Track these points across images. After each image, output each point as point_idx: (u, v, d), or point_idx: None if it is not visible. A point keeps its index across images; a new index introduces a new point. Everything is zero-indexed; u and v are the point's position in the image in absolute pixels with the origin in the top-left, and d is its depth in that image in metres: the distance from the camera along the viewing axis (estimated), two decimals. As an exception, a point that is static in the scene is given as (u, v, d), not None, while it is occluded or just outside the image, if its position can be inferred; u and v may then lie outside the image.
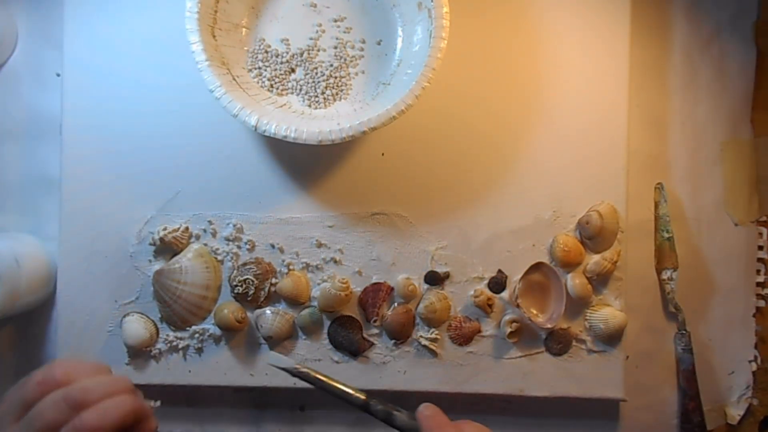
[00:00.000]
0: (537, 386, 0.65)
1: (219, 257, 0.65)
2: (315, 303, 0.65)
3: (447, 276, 0.66)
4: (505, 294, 0.66)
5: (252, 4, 0.64)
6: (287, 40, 0.65)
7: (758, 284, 0.70)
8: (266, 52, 0.64)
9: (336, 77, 0.64)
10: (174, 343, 0.65)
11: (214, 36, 0.60)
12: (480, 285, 0.66)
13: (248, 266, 0.65)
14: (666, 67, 0.70)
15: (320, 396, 0.68)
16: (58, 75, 0.68)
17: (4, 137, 0.69)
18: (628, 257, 0.66)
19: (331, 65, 0.64)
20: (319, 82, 0.64)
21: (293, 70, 0.65)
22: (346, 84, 0.65)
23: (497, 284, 0.65)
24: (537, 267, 0.65)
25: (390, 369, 0.65)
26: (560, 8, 0.66)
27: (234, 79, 0.60)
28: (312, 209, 0.66)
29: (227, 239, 0.65)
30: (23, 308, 0.64)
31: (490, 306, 0.65)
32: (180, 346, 0.65)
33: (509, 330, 0.64)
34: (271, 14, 0.65)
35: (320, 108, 0.64)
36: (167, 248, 0.65)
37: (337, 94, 0.64)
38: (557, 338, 0.65)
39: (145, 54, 0.65)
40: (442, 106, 0.65)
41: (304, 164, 0.66)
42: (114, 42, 0.65)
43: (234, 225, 0.65)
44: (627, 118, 0.66)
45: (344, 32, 0.65)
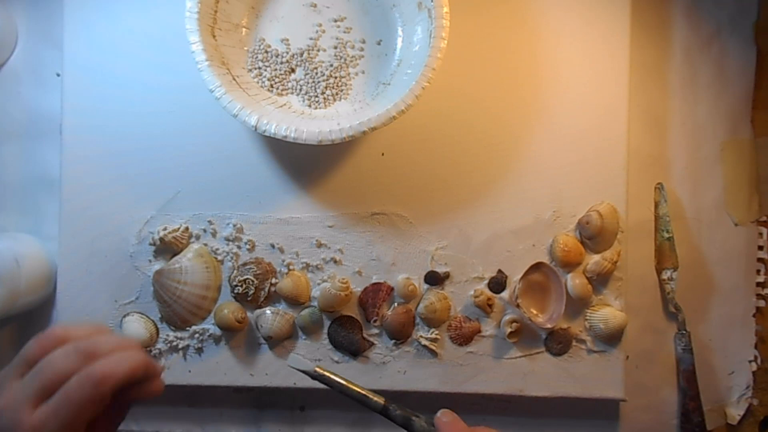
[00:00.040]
0: (537, 386, 0.65)
1: (219, 257, 0.65)
2: (315, 303, 0.65)
3: (447, 276, 0.66)
4: (505, 294, 0.66)
5: (252, 4, 0.64)
6: (287, 40, 0.65)
7: (758, 284, 0.70)
8: (266, 52, 0.64)
9: (336, 77, 0.64)
10: (174, 343, 0.65)
11: (214, 36, 0.60)
12: (480, 285, 0.66)
13: (248, 266, 0.65)
14: (666, 67, 0.70)
15: (320, 396, 0.68)
16: (58, 75, 0.68)
17: (4, 137, 0.69)
18: (628, 257, 0.66)
19: (331, 65, 0.64)
20: (319, 82, 0.64)
21: (293, 70, 0.65)
22: (346, 84, 0.65)
23: (497, 284, 0.65)
24: (537, 267, 0.65)
25: (390, 369, 0.65)
26: (560, 8, 0.66)
27: (234, 79, 0.60)
28: (312, 209, 0.66)
29: (227, 239, 0.65)
30: (23, 308, 0.64)
31: (490, 306, 0.65)
32: (180, 346, 0.65)
33: (509, 330, 0.64)
34: (271, 14, 0.65)
35: (320, 108, 0.64)
36: (167, 248, 0.65)
37: (337, 94, 0.64)
38: (557, 338, 0.65)
39: (145, 54, 0.65)
40: (442, 106, 0.65)
41: (304, 164, 0.66)
42: (114, 42, 0.65)
43: (234, 225, 0.65)
44: (627, 118, 0.66)
45: (344, 32, 0.65)
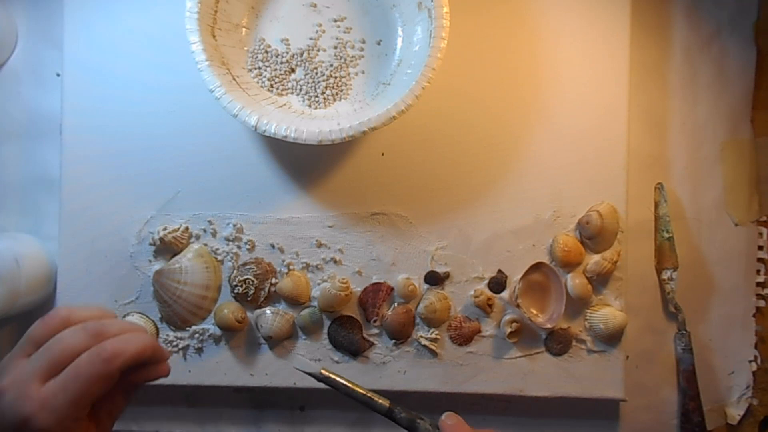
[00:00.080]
0: (537, 386, 0.65)
1: (219, 257, 0.65)
2: (315, 303, 0.65)
3: (447, 276, 0.66)
4: (505, 294, 0.66)
5: (252, 4, 0.64)
6: (287, 40, 0.65)
7: (758, 284, 0.70)
8: (266, 52, 0.64)
9: (336, 77, 0.64)
10: (174, 343, 0.65)
11: (214, 36, 0.60)
12: (480, 285, 0.66)
13: (248, 266, 0.65)
14: (666, 67, 0.70)
15: (320, 396, 0.68)
16: (58, 75, 0.68)
17: (4, 137, 0.69)
18: (628, 257, 0.66)
19: (331, 65, 0.64)
20: (319, 82, 0.64)
21: (293, 70, 0.65)
22: (346, 84, 0.65)
23: (497, 284, 0.65)
24: (537, 267, 0.65)
25: (390, 369, 0.65)
26: (560, 8, 0.66)
27: (234, 79, 0.60)
28: (312, 209, 0.66)
29: (227, 239, 0.65)
30: (23, 308, 0.64)
31: (490, 306, 0.65)
32: (180, 346, 0.65)
33: (509, 330, 0.64)
34: (271, 14, 0.65)
35: (320, 108, 0.64)
36: (167, 248, 0.65)
37: (337, 94, 0.64)
38: (557, 338, 0.65)
39: (145, 54, 0.65)
40: (442, 106, 0.65)
41: (304, 164, 0.66)
42: (114, 42, 0.65)
43: (234, 225, 0.65)
44: (627, 118, 0.66)
45: (344, 32, 0.65)
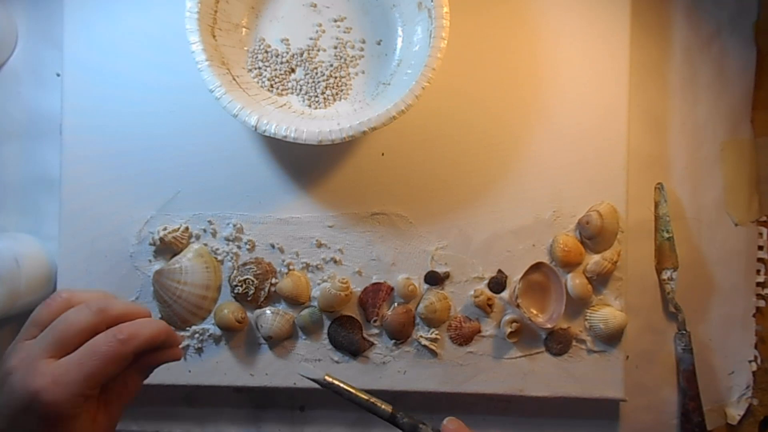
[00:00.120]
0: (537, 386, 0.65)
1: (219, 257, 0.65)
2: (315, 303, 0.65)
3: (447, 276, 0.66)
4: (505, 294, 0.66)
5: (252, 4, 0.64)
6: (287, 40, 0.65)
7: (758, 284, 0.70)
8: (266, 52, 0.64)
9: (336, 77, 0.64)
10: (174, 343, 0.65)
11: (214, 36, 0.60)
12: (480, 285, 0.66)
13: (248, 266, 0.65)
14: (666, 67, 0.70)
15: (320, 396, 0.68)
16: (58, 75, 0.68)
17: (4, 137, 0.69)
18: (628, 257, 0.66)
19: (331, 65, 0.64)
20: (319, 82, 0.64)
21: (293, 70, 0.65)
22: (346, 84, 0.65)
23: (497, 284, 0.65)
24: (537, 267, 0.65)
25: (390, 369, 0.65)
26: (560, 8, 0.66)
27: (234, 79, 0.60)
28: (312, 209, 0.66)
29: (227, 239, 0.65)
30: (23, 308, 0.64)
31: (490, 306, 0.65)
32: (180, 346, 0.65)
33: (509, 330, 0.64)
34: (271, 14, 0.65)
35: (320, 108, 0.64)
36: (167, 248, 0.65)
37: (337, 94, 0.64)
38: (557, 338, 0.65)
39: (145, 54, 0.65)
40: (442, 106, 0.65)
41: (304, 164, 0.66)
42: (114, 42, 0.65)
43: (234, 225, 0.65)
44: (627, 118, 0.66)
45: (344, 32, 0.65)
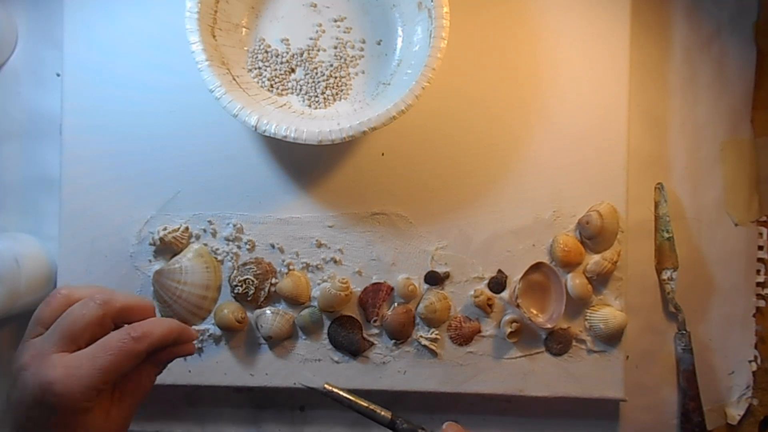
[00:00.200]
0: (537, 386, 0.65)
1: (219, 257, 0.65)
2: (315, 303, 0.65)
3: (447, 276, 0.66)
4: (505, 294, 0.66)
5: (252, 4, 0.64)
6: (287, 40, 0.65)
7: (758, 284, 0.70)
8: (266, 52, 0.64)
9: (336, 77, 0.64)
10: (174, 343, 0.65)
11: (214, 36, 0.60)
12: (480, 285, 0.66)
13: (248, 266, 0.65)
14: (666, 67, 0.70)
15: (320, 396, 0.68)
16: (58, 75, 0.68)
17: (4, 137, 0.69)
18: (628, 257, 0.66)
19: (331, 65, 0.64)
20: (319, 82, 0.64)
21: (293, 70, 0.65)
22: (346, 84, 0.65)
23: (497, 284, 0.65)
24: (537, 267, 0.65)
25: (390, 369, 0.65)
26: (560, 8, 0.66)
27: (234, 79, 0.60)
28: (312, 209, 0.66)
29: (227, 239, 0.65)
30: (23, 308, 0.64)
31: (490, 306, 0.65)
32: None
33: (509, 330, 0.64)
34: (271, 14, 0.65)
35: (320, 108, 0.64)
36: (167, 248, 0.65)
37: (337, 94, 0.64)
38: (557, 338, 0.65)
39: (145, 54, 0.65)
40: (442, 106, 0.65)
41: (304, 164, 0.66)
42: (114, 42, 0.65)
43: (234, 225, 0.65)
44: (627, 118, 0.66)
45: (344, 32, 0.65)
